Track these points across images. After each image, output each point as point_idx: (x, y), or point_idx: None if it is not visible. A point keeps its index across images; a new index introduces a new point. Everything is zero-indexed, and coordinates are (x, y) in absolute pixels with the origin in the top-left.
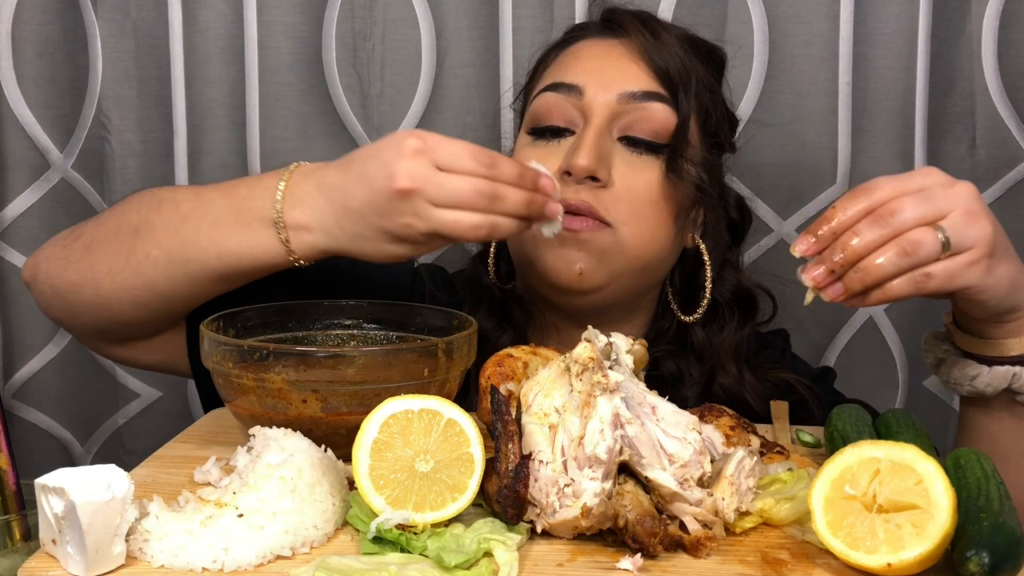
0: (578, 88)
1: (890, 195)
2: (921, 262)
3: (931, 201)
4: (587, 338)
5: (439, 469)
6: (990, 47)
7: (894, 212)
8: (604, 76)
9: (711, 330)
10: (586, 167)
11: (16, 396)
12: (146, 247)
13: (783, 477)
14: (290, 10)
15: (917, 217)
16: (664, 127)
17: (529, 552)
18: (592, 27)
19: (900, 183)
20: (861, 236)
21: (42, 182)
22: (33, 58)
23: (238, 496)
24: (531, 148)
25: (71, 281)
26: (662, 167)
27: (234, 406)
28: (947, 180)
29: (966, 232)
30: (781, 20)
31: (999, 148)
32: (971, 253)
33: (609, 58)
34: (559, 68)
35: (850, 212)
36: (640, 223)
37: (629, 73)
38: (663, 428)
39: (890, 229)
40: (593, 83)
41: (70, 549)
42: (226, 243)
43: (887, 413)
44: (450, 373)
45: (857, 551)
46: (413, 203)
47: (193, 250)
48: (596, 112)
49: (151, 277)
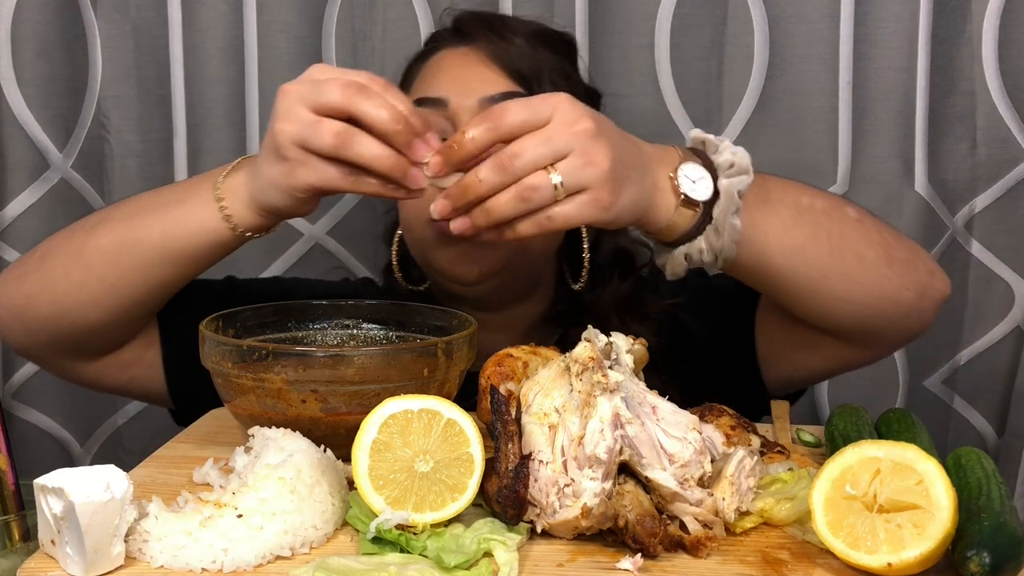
0: (443, 100)
1: (515, 129)
2: (539, 205)
3: (550, 143)
4: (587, 338)
5: (439, 469)
6: (990, 47)
7: (515, 156)
8: (463, 84)
9: (596, 292)
10: None
11: (15, 396)
12: (97, 239)
13: (783, 477)
14: (290, 10)
15: (535, 161)
16: None
17: (529, 552)
18: (446, 35)
19: (528, 114)
20: (484, 180)
21: (42, 182)
22: (33, 58)
23: (237, 496)
24: None
25: (27, 294)
26: None
27: (233, 406)
28: (571, 116)
29: (580, 174)
30: (781, 20)
31: (999, 148)
32: (587, 194)
33: (465, 66)
34: (423, 82)
35: (478, 141)
36: None
37: (486, 78)
38: (663, 428)
39: (510, 175)
40: (455, 93)
41: (69, 550)
42: (169, 219)
43: (887, 413)
44: (450, 373)
45: (858, 551)
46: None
47: (139, 231)
48: (463, 120)
49: (102, 269)
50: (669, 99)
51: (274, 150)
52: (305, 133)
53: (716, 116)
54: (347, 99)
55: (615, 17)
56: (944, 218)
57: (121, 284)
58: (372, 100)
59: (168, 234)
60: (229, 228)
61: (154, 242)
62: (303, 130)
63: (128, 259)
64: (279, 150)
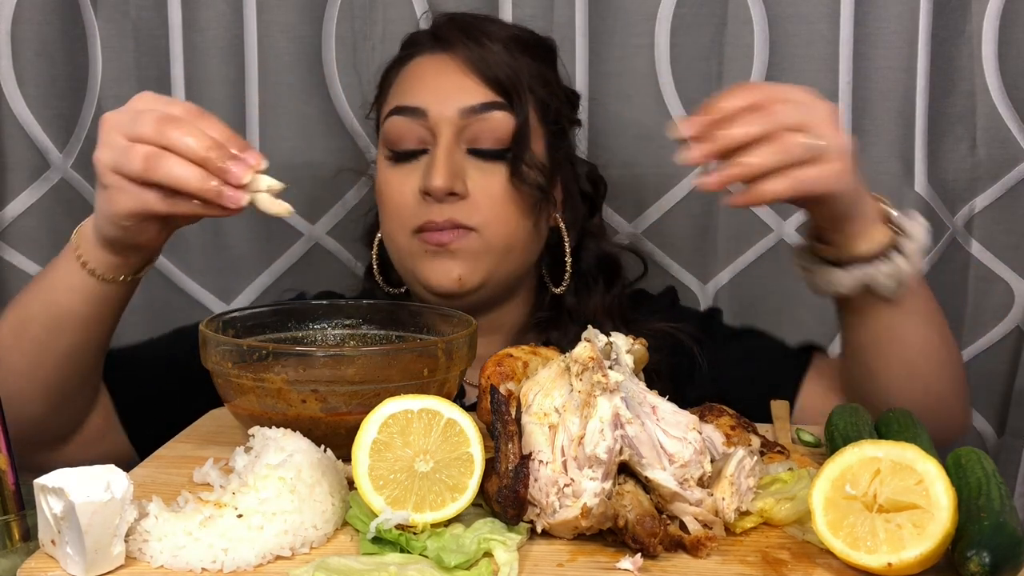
0: (421, 110)
1: (769, 97)
2: (796, 160)
3: (803, 109)
4: (587, 338)
5: (439, 469)
6: (990, 47)
7: (773, 112)
8: (442, 94)
9: (581, 297)
10: (442, 187)
11: None
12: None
13: (783, 477)
14: (290, 10)
15: (793, 121)
16: (506, 132)
17: (529, 552)
18: (424, 40)
19: (777, 89)
20: (741, 124)
21: (42, 182)
22: (33, 58)
23: (237, 496)
24: (392, 171)
25: None
26: (508, 170)
27: (233, 406)
28: (816, 97)
29: (833, 141)
30: (781, 20)
31: (999, 148)
32: (837, 162)
33: (443, 74)
34: (401, 89)
35: (733, 103)
36: (500, 221)
37: (464, 87)
38: (663, 428)
39: (770, 123)
40: (434, 103)
41: (69, 550)
42: (44, 287)
43: (887, 413)
44: (450, 373)
45: (858, 551)
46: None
47: (24, 310)
48: (442, 130)
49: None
50: (669, 99)
51: (98, 179)
52: (119, 159)
53: None
54: (157, 130)
55: (615, 17)
56: (944, 218)
57: (33, 369)
58: (181, 128)
59: (46, 302)
60: (88, 273)
61: (38, 316)
62: (117, 156)
63: (27, 342)
64: (100, 179)
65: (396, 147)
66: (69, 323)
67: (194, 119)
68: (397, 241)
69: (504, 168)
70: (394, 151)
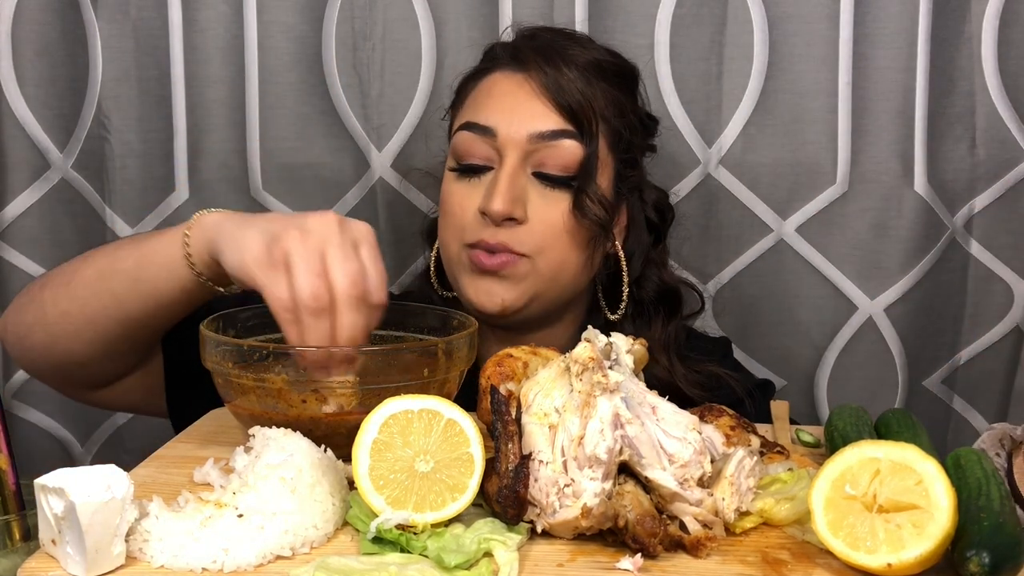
0: (491, 130)
1: None
2: None
3: None
4: (587, 338)
5: (439, 469)
6: (990, 47)
7: None
8: (514, 117)
9: (639, 325)
10: (501, 212)
11: (16, 396)
12: (85, 269)
13: (783, 477)
14: (290, 10)
15: None
16: (574, 161)
17: (529, 552)
18: (503, 56)
19: None
20: None
21: (42, 182)
22: (33, 58)
23: (238, 496)
24: (456, 184)
25: (27, 323)
26: (571, 200)
27: (234, 406)
28: None
29: None
30: (781, 20)
31: (999, 148)
32: None
33: (517, 97)
34: (475, 105)
35: None
36: (554, 251)
37: (536, 112)
38: (663, 428)
39: None
40: (504, 124)
41: (70, 549)
42: (145, 248)
43: (887, 413)
44: (450, 373)
45: (857, 551)
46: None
47: (118, 261)
48: (509, 152)
49: (84, 298)
50: (669, 99)
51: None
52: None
53: (716, 116)
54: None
55: (615, 17)
56: (943, 218)
57: (98, 318)
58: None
59: (140, 263)
60: (189, 266)
61: (128, 271)
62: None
63: (106, 289)
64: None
65: (463, 160)
66: (153, 295)
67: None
68: (450, 249)
69: (567, 197)
70: (460, 164)
